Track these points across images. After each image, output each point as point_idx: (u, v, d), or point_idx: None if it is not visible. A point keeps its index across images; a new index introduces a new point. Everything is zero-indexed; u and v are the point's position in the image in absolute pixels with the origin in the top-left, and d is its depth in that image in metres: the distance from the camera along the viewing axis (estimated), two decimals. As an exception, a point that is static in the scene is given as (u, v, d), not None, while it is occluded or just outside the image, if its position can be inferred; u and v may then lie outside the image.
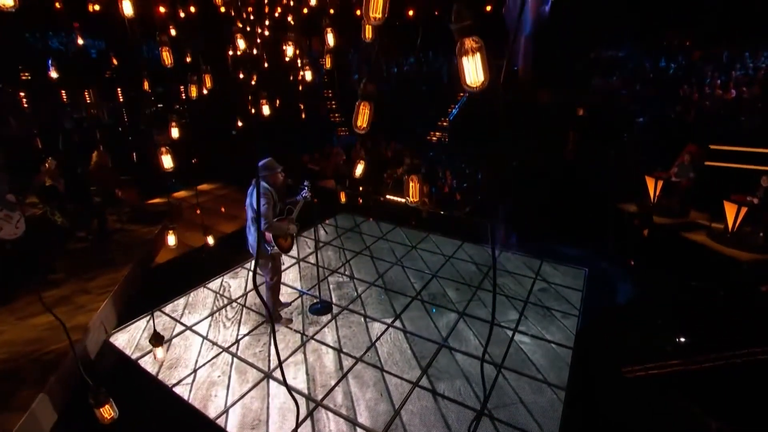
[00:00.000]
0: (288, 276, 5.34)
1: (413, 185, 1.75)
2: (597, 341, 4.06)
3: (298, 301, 4.80)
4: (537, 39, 12.15)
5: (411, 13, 11.53)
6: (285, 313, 4.53)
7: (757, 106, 8.87)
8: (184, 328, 4.33)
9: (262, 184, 3.67)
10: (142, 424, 3.16)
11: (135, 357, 3.90)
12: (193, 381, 3.59)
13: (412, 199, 1.76)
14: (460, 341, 4.05)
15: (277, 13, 9.48)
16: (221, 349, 3.99)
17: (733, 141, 7.92)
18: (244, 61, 10.06)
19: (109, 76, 12.50)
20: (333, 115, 14.77)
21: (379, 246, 6.29)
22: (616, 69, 12.52)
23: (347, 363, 3.78)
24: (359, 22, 3.46)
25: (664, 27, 12.01)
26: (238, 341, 4.11)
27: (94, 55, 13.18)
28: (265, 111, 5.20)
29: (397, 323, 4.36)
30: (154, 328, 3.37)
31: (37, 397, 3.02)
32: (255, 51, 10.20)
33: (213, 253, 5.66)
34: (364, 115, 1.65)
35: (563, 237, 6.16)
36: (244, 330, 4.29)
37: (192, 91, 4.94)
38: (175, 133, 4.25)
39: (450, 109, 13.28)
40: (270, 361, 3.82)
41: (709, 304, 4.66)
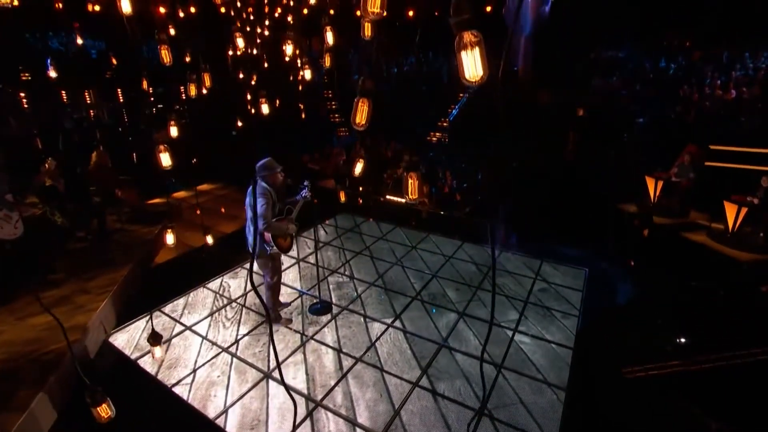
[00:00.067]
0: (288, 276, 5.33)
1: (412, 182, 1.74)
2: (597, 341, 4.05)
3: (298, 301, 4.80)
4: (537, 39, 12.16)
5: (411, 13, 11.54)
6: (285, 313, 4.53)
7: (757, 107, 8.86)
8: (183, 328, 4.33)
9: (261, 184, 3.67)
10: (142, 424, 3.16)
11: (134, 357, 3.90)
12: (193, 381, 3.58)
13: (411, 196, 1.75)
14: (460, 341, 4.05)
15: (277, 13, 9.49)
16: (221, 349, 3.99)
17: (733, 141, 7.92)
18: (244, 61, 10.06)
19: (110, 76, 12.51)
20: (333, 115, 14.76)
21: (379, 246, 6.28)
22: (616, 69, 12.51)
23: (347, 363, 3.77)
24: (359, 22, 3.46)
25: (664, 27, 12.00)
26: (238, 341, 4.11)
27: (94, 55, 13.19)
28: (265, 110, 5.20)
29: (397, 323, 4.36)
30: (152, 327, 3.37)
31: (36, 397, 3.02)
32: (255, 51, 10.21)
33: (213, 253, 5.66)
34: (362, 111, 1.65)
35: (563, 237, 6.15)
36: (244, 330, 4.28)
37: (191, 90, 4.95)
38: (174, 131, 4.25)
39: (450, 110, 13.28)
40: (269, 361, 3.81)
41: (709, 305, 4.66)
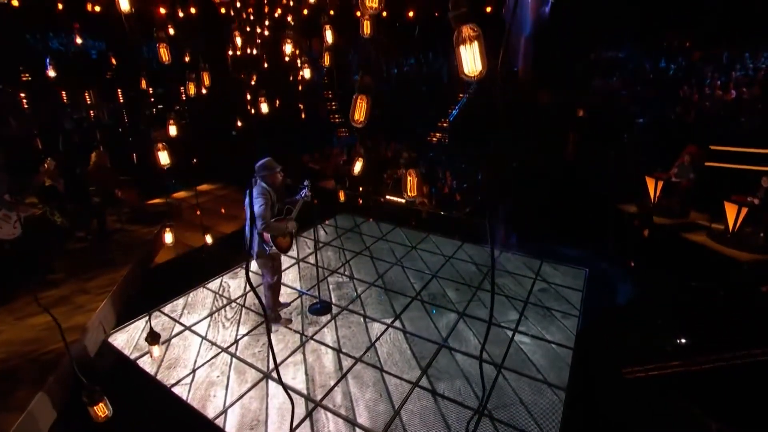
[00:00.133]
0: (287, 276, 5.33)
1: (411, 179, 1.73)
2: (597, 341, 4.05)
3: (298, 302, 4.79)
4: (537, 40, 12.15)
5: (411, 14, 11.55)
6: (284, 313, 4.52)
7: (757, 107, 8.85)
8: (183, 328, 4.32)
9: (260, 183, 3.66)
10: (141, 424, 3.15)
11: (134, 357, 3.89)
12: (192, 381, 3.58)
13: (410, 193, 1.74)
14: (460, 341, 4.04)
15: (277, 13, 9.50)
16: (220, 349, 3.98)
17: (733, 142, 7.91)
18: (244, 61, 10.07)
19: (110, 77, 12.52)
20: (333, 116, 14.76)
21: (379, 246, 6.27)
22: (616, 70, 12.51)
23: (347, 363, 3.77)
24: (359, 22, 3.46)
25: (664, 28, 12.00)
26: (237, 341, 4.10)
27: (94, 55, 13.19)
28: (264, 109, 5.20)
29: (397, 323, 4.35)
30: (150, 326, 3.36)
31: (34, 397, 3.01)
32: (255, 51, 10.22)
33: (212, 253, 5.65)
34: (361, 108, 1.64)
35: (563, 237, 6.14)
36: (243, 330, 4.28)
37: (190, 89, 4.95)
38: (173, 130, 4.25)
39: (450, 110, 13.28)
40: (269, 361, 3.80)
41: (710, 305, 4.65)
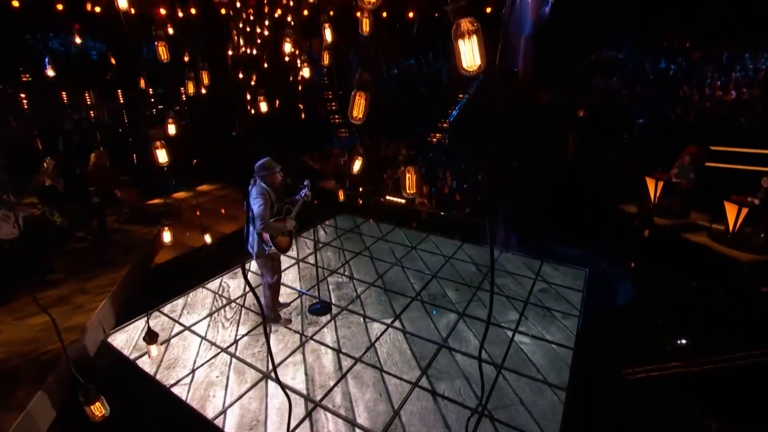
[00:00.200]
0: (287, 276, 5.32)
1: (410, 176, 1.72)
2: (597, 342, 4.04)
3: (298, 302, 4.79)
4: (537, 40, 12.15)
5: (411, 15, 11.55)
6: (284, 313, 4.52)
7: (757, 108, 8.85)
8: (182, 329, 4.32)
9: (260, 183, 3.66)
10: (140, 424, 3.15)
11: (133, 357, 3.89)
12: (192, 381, 3.57)
13: (408, 191, 1.73)
14: (460, 342, 4.04)
15: (277, 14, 9.51)
16: (220, 350, 3.98)
17: (734, 142, 7.91)
18: (244, 61, 10.08)
19: (110, 77, 12.52)
20: (333, 116, 14.76)
21: (379, 246, 6.27)
22: (616, 70, 12.51)
23: (346, 363, 3.76)
24: (358, 22, 3.46)
25: (664, 27, 11.99)
26: (237, 341, 4.09)
27: (95, 56, 13.20)
28: (263, 108, 5.20)
29: (397, 324, 4.34)
30: (148, 325, 3.36)
31: (33, 397, 3.01)
32: (255, 51, 10.23)
33: (212, 253, 5.65)
34: (359, 105, 1.63)
35: (563, 237, 6.14)
36: (243, 330, 4.27)
37: (189, 88, 4.95)
38: (171, 129, 4.23)
39: (450, 111, 13.28)
40: (268, 361, 3.80)
41: (710, 305, 4.65)
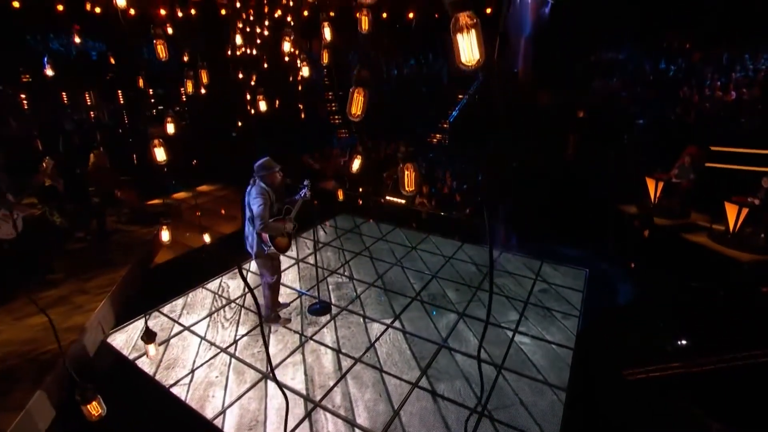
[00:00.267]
0: (287, 276, 5.31)
1: (408, 174, 1.70)
2: (597, 342, 4.03)
3: (297, 302, 4.78)
4: (537, 41, 12.15)
5: (411, 15, 11.56)
6: (284, 313, 4.51)
7: (757, 108, 8.84)
8: (182, 329, 4.31)
9: (259, 183, 3.66)
10: (139, 424, 3.14)
11: (132, 357, 3.88)
12: (191, 381, 3.57)
13: (407, 188, 1.71)
14: (460, 342, 4.03)
15: (277, 14, 9.51)
16: (219, 350, 3.97)
17: (734, 142, 7.90)
18: (244, 61, 10.08)
19: (110, 78, 12.52)
20: (333, 117, 14.76)
21: (379, 247, 6.26)
22: (616, 71, 12.51)
23: (346, 363, 3.75)
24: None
25: (664, 28, 12.00)
26: (237, 342, 4.09)
27: (95, 57, 13.20)
28: (262, 107, 5.20)
29: (397, 324, 4.34)
30: (146, 325, 3.36)
31: (32, 397, 3.00)
32: (254, 51, 10.23)
33: (212, 253, 5.65)
34: (358, 102, 1.62)
35: (563, 238, 6.13)
36: (243, 330, 4.26)
37: (188, 86, 4.95)
38: (170, 128, 4.22)
39: (450, 111, 13.28)
40: (267, 361, 3.79)
41: (710, 305, 4.64)
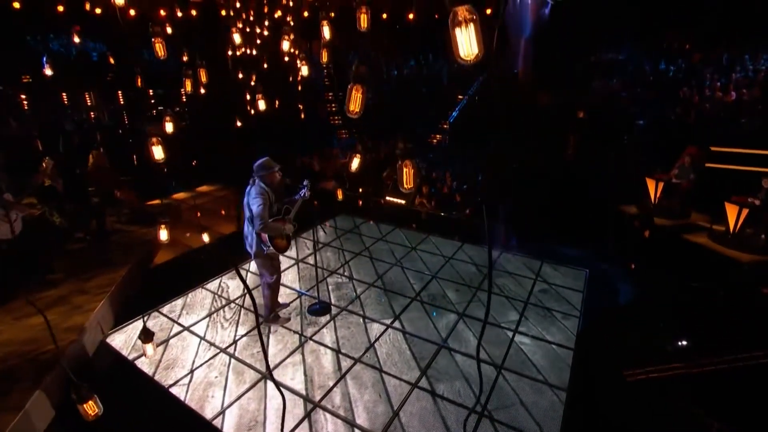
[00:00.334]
0: (287, 277, 5.31)
1: (407, 171, 1.69)
2: (598, 342, 4.03)
3: (297, 302, 4.77)
4: (537, 41, 12.16)
5: (411, 16, 11.56)
6: (283, 313, 4.50)
7: (757, 108, 8.84)
8: (181, 329, 4.30)
9: (259, 183, 3.65)
10: (138, 424, 3.14)
11: (131, 357, 3.88)
12: (190, 382, 3.56)
13: (406, 185, 1.71)
14: (460, 342, 4.02)
15: (277, 14, 9.52)
16: (219, 350, 3.96)
17: (734, 143, 7.90)
18: (244, 61, 10.08)
19: (110, 78, 12.53)
20: (333, 117, 14.76)
21: (379, 247, 6.26)
22: (616, 71, 12.52)
23: (346, 364, 3.75)
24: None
25: (663, 28, 12.01)
26: (236, 342, 4.08)
27: (95, 57, 13.21)
28: (261, 106, 5.20)
29: (396, 324, 4.33)
30: (144, 324, 3.35)
31: (31, 397, 3.00)
32: (254, 51, 10.24)
33: (212, 253, 5.64)
34: (356, 99, 1.61)
35: (564, 238, 6.13)
36: (242, 331, 4.26)
37: (187, 86, 4.95)
38: (169, 127, 4.22)
39: (450, 112, 13.29)
40: (267, 361, 3.78)
41: (710, 306, 4.63)
